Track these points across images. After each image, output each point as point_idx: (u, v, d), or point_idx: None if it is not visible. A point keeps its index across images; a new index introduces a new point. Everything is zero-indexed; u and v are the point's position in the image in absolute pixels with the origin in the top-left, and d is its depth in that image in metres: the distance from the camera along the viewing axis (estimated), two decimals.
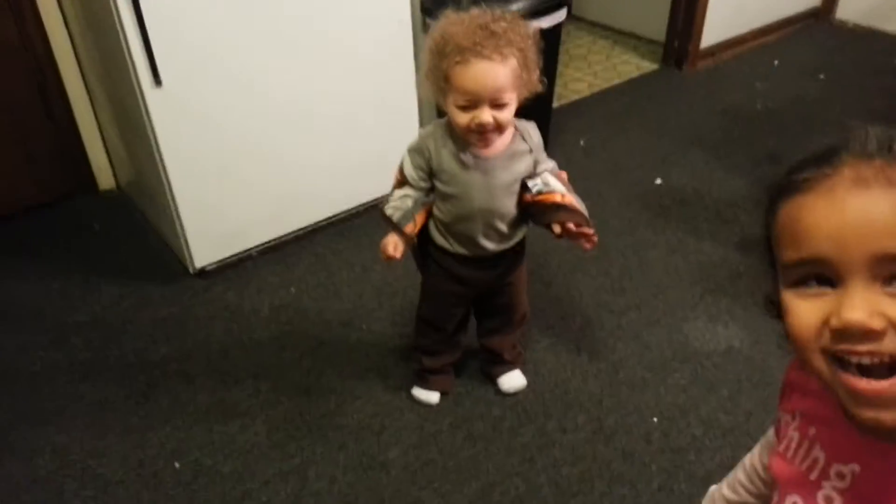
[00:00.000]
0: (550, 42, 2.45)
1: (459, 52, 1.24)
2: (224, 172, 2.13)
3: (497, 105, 1.28)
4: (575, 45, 4.17)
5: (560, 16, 2.56)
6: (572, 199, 1.46)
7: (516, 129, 1.42)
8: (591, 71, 3.83)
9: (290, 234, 2.42)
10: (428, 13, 2.49)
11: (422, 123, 2.58)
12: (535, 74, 1.33)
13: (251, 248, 2.36)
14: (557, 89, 3.51)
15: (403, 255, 1.47)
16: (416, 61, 2.41)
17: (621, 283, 2.21)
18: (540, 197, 1.44)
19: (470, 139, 1.34)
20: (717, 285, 2.20)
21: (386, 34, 2.27)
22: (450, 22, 1.29)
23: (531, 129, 1.45)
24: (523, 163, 1.44)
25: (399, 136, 1.73)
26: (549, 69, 2.68)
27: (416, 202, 1.45)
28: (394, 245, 1.45)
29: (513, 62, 1.28)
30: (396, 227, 1.46)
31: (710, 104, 3.37)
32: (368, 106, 2.35)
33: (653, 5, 3.98)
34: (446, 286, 1.58)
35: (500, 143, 1.40)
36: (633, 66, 3.85)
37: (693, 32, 3.62)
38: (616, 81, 3.67)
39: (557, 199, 1.43)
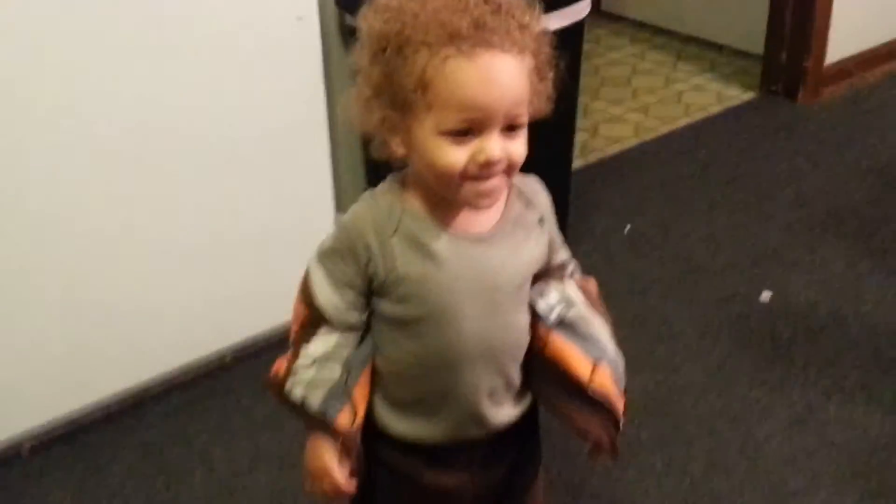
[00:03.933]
0: (565, 53, 2.46)
1: (451, 39, 1.25)
2: None
3: (511, 128, 1.31)
4: (609, 60, 4.32)
5: (579, 9, 2.62)
6: (606, 376, 1.47)
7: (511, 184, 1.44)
8: (638, 104, 3.94)
9: (86, 412, 2.43)
10: (348, 6, 2.51)
11: (341, 205, 2.61)
12: (549, 87, 1.38)
13: (18, 442, 2.35)
14: (581, 136, 3.57)
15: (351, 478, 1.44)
16: (329, 86, 2.49)
17: (711, 486, 2.22)
18: (556, 346, 1.47)
19: (463, 197, 1.34)
20: (883, 485, 2.22)
21: (272, 41, 2.37)
22: None
23: (536, 186, 1.48)
24: (534, 242, 1.46)
25: (294, 233, 1.72)
26: (566, 100, 2.74)
27: (349, 364, 1.43)
28: (328, 464, 1.42)
29: (528, 59, 1.31)
30: (319, 423, 1.43)
31: (848, 158, 3.45)
32: (234, 175, 2.44)
33: None
34: None
35: (492, 209, 1.41)
36: (711, 94, 3.97)
37: (812, 39, 3.74)
38: (684, 121, 3.77)
39: (582, 372, 1.46)
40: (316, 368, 1.41)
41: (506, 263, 1.41)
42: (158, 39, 2.21)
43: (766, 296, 2.79)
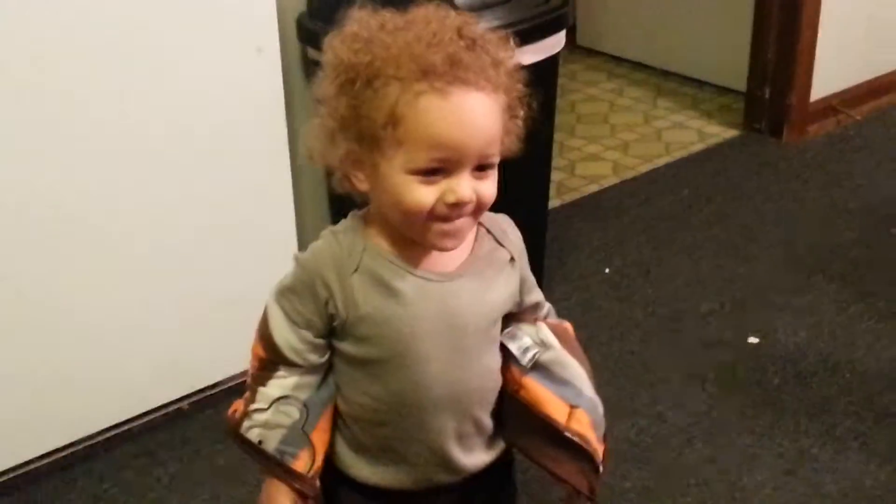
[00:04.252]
0: (540, 88, 2.48)
1: (424, 74, 1.26)
2: None
3: (482, 168, 1.31)
4: (585, 96, 4.33)
5: (554, 43, 2.64)
6: (583, 421, 1.48)
7: (479, 223, 1.45)
8: (616, 141, 3.94)
9: (32, 462, 2.39)
10: (310, 40, 2.54)
11: (304, 242, 2.59)
12: (520, 125, 1.38)
13: None
14: (557, 175, 3.56)
15: None
16: (290, 119, 2.49)
17: None
18: (531, 390, 1.47)
19: (429, 238, 1.35)
20: None
21: (231, 73, 2.38)
22: (379, 24, 1.32)
23: (506, 224, 1.50)
24: (504, 281, 1.47)
25: (255, 272, 1.69)
26: (540, 137, 2.74)
27: (308, 406, 1.43)
28: None
29: (502, 97, 1.32)
30: (276, 466, 1.42)
31: (836, 198, 3.46)
32: (192, 211, 2.42)
33: (719, 27, 4.16)
34: None
35: (458, 248, 1.41)
36: (692, 131, 3.98)
37: (795, 76, 3.77)
38: (664, 159, 3.78)
39: (558, 417, 1.46)
40: (273, 410, 1.41)
41: (473, 302, 1.42)
42: (112, 74, 2.19)
43: (754, 339, 2.79)
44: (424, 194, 1.28)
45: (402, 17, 1.32)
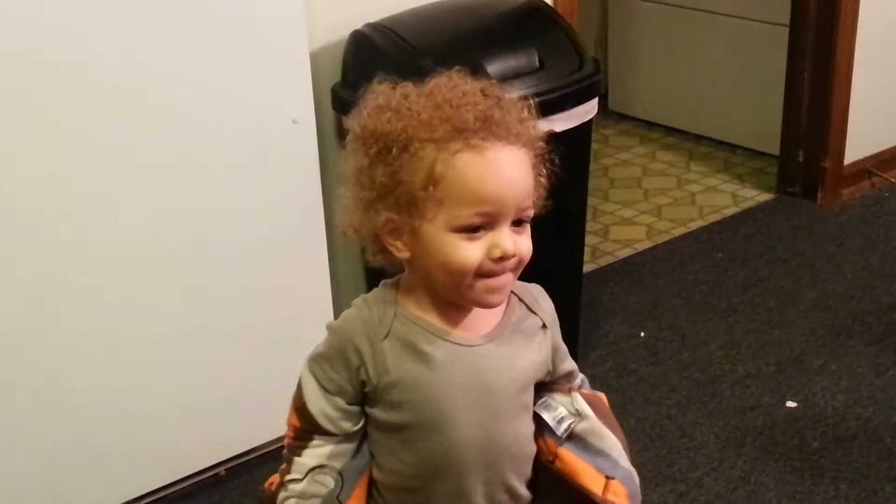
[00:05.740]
0: (573, 154, 2.49)
1: (459, 133, 1.29)
2: None
3: (519, 223, 1.34)
4: (618, 161, 4.36)
5: (587, 110, 2.65)
6: (619, 493, 1.47)
7: (512, 291, 1.45)
8: (650, 205, 3.96)
9: None
10: (345, 109, 2.52)
11: (339, 311, 2.59)
12: (544, 183, 1.41)
13: None
14: (591, 239, 3.58)
15: None
16: (326, 188, 2.50)
17: None
18: (566, 460, 1.47)
19: (474, 296, 1.36)
20: None
21: (267, 144, 2.41)
22: (402, 95, 1.36)
23: (537, 293, 1.51)
24: (536, 348, 1.47)
25: (291, 341, 1.70)
26: (573, 202, 2.78)
27: (343, 475, 1.43)
28: None
29: (530, 152, 1.35)
30: None
31: (872, 261, 3.46)
32: (230, 281, 2.45)
33: (751, 91, 4.19)
34: None
35: (490, 314, 1.42)
36: (726, 195, 4.00)
37: (829, 139, 3.78)
38: (698, 223, 3.79)
39: (594, 489, 1.46)
40: (308, 480, 1.41)
41: (502, 368, 1.42)
42: (153, 145, 2.24)
43: (792, 404, 2.77)
44: (470, 251, 1.30)
45: (424, 86, 1.35)
